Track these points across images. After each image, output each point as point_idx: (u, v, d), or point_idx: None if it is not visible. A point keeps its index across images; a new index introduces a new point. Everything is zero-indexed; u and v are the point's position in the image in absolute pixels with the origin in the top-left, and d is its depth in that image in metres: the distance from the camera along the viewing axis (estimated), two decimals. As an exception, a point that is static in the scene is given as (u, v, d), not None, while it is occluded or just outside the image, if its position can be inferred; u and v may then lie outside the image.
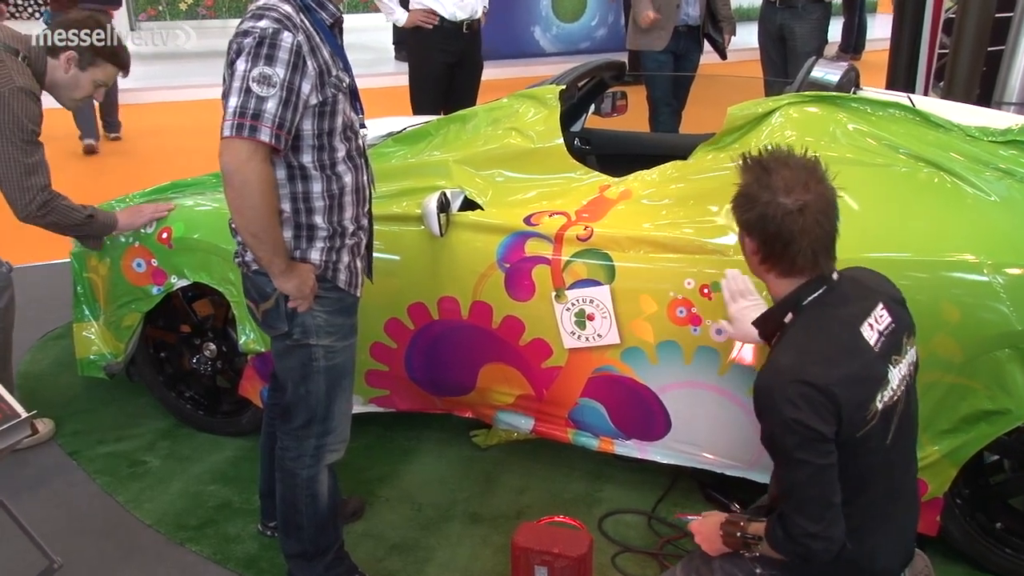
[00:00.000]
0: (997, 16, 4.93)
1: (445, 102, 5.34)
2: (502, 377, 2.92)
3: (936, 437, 2.43)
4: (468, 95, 5.41)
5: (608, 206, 2.79)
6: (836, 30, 9.78)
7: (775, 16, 6.00)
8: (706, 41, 5.86)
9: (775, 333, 1.97)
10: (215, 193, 3.24)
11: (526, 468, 3.19)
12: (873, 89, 3.21)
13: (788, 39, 5.95)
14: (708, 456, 2.79)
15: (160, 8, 12.63)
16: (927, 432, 2.41)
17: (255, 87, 2.01)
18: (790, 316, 1.92)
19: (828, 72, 3.04)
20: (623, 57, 4.95)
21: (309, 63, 2.07)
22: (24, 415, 2.32)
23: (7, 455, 2.36)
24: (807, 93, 2.79)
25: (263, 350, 3.02)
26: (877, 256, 2.31)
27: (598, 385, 2.80)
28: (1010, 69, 4.91)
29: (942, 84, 5.24)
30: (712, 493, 2.95)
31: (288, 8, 2.08)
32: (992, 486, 2.61)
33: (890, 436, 1.89)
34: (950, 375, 2.37)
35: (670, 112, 5.83)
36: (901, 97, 2.94)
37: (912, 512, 2.07)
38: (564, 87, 3.13)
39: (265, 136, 2.01)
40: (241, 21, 2.09)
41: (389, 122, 3.72)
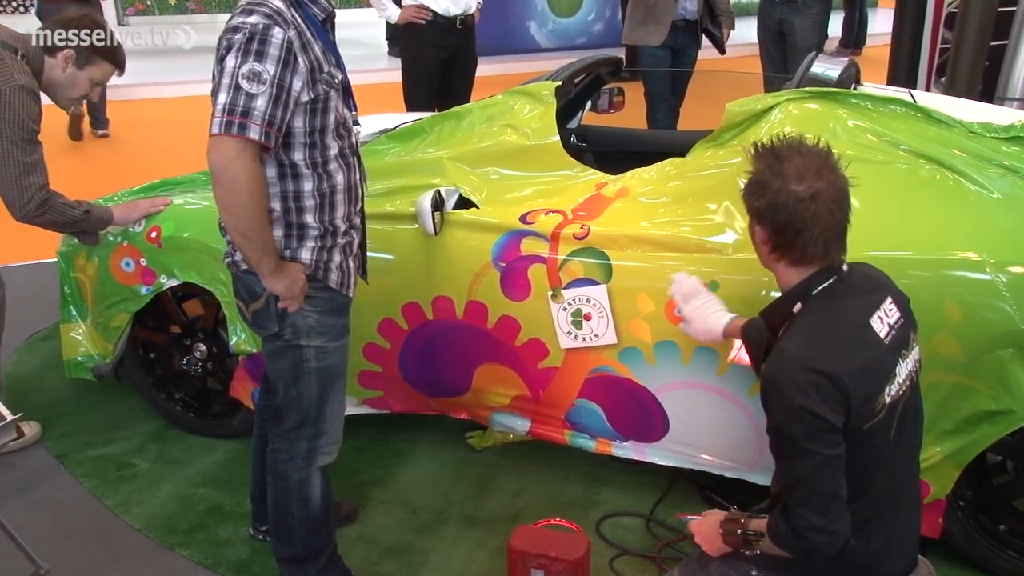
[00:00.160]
0: (1000, 10, 4.94)
1: (439, 98, 5.34)
2: (497, 378, 2.92)
3: (938, 438, 2.44)
4: (462, 92, 5.41)
5: (605, 204, 2.79)
6: (836, 25, 9.79)
7: (774, 11, 6.01)
8: (704, 36, 5.86)
9: (783, 323, 1.97)
10: (205, 191, 3.23)
11: (522, 470, 3.19)
12: (874, 85, 3.21)
13: (788, 34, 5.95)
14: (707, 458, 2.79)
15: (148, 3, 12.59)
16: (929, 433, 2.41)
17: (244, 84, 2.00)
18: (799, 306, 1.93)
19: (828, 68, 3.05)
20: (620, 52, 4.96)
21: (300, 59, 2.07)
22: (10, 418, 2.32)
23: (-7, 458, 2.36)
24: (807, 89, 2.78)
25: (254, 351, 3.01)
26: (878, 254, 2.31)
27: (595, 386, 2.80)
28: (1013, 64, 4.93)
29: (944, 80, 5.25)
30: (711, 495, 2.96)
31: (279, 3, 2.07)
32: (995, 488, 2.62)
33: (892, 432, 1.89)
34: (952, 375, 2.37)
35: (668, 108, 5.83)
36: (902, 93, 2.94)
37: (915, 514, 2.07)
38: (560, 83, 3.13)
39: (254, 134, 2.01)
40: (231, 16, 2.09)
41: (383, 119, 3.71)
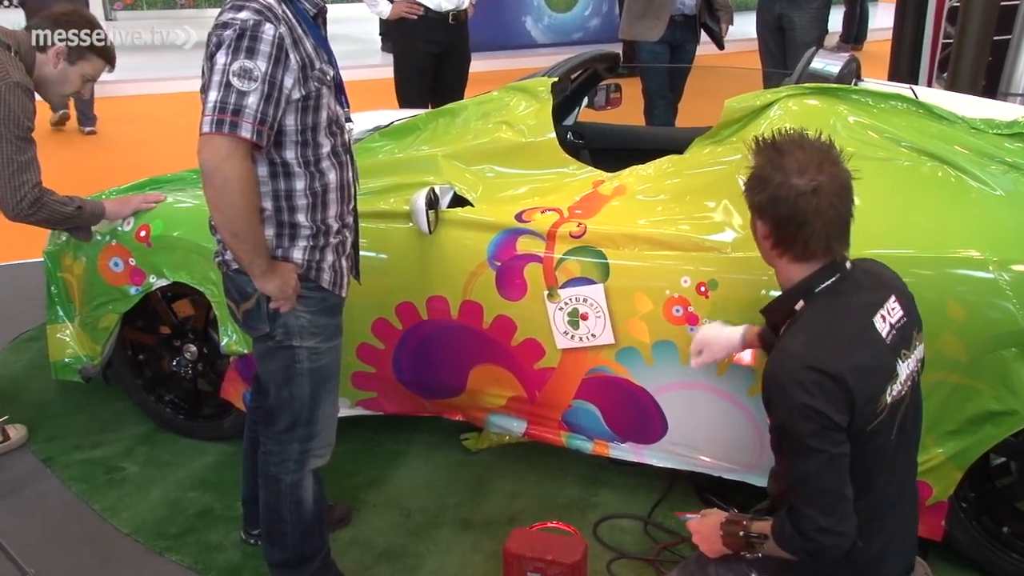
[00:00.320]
0: (1003, 4, 4.95)
1: (434, 94, 5.34)
2: (493, 379, 2.93)
3: (941, 439, 2.44)
4: (456, 88, 5.41)
5: (602, 202, 2.79)
6: (837, 20, 9.81)
7: (774, 5, 6.01)
8: (703, 31, 5.87)
9: (785, 321, 1.97)
10: (195, 189, 3.22)
11: (518, 472, 3.19)
12: (875, 81, 3.22)
13: (787, 29, 5.96)
14: (706, 459, 2.80)
15: (136, -3, 12.58)
16: (931, 434, 2.42)
17: (235, 81, 2.00)
18: (801, 303, 1.93)
19: (828, 63, 3.05)
20: (617, 48, 4.96)
21: (291, 56, 2.07)
22: (-4, 421, 2.32)
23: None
24: (807, 85, 2.79)
25: (246, 352, 3.01)
26: (879, 253, 2.31)
27: (592, 386, 2.80)
28: (1016, 59, 4.94)
29: (946, 75, 5.26)
30: (710, 497, 2.96)
31: (270, -2, 2.07)
32: (998, 489, 2.62)
33: (894, 433, 1.90)
34: (955, 375, 2.38)
35: (666, 105, 5.84)
36: (904, 89, 2.95)
37: (913, 516, 2.08)
38: (556, 79, 3.13)
39: (246, 132, 2.01)
40: (221, 12, 2.09)
41: (376, 116, 3.71)
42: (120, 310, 3.24)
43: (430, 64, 5.33)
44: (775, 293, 2.13)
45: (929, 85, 5.47)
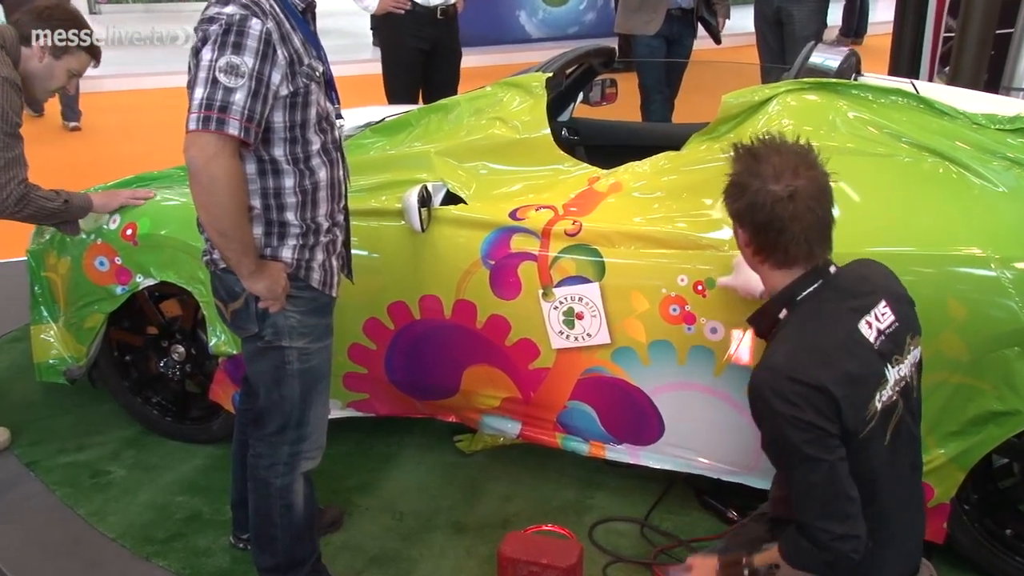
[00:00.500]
0: (1006, -4, 4.96)
1: (425, 90, 5.34)
2: (487, 379, 2.93)
3: (943, 440, 2.45)
4: (449, 85, 5.39)
5: (597, 199, 2.80)
6: (836, 13, 9.82)
7: (772, -2, 6.02)
8: (700, 25, 5.87)
9: (770, 330, 2.00)
10: (183, 187, 3.22)
11: (513, 475, 3.19)
12: (875, 75, 3.22)
13: (786, 23, 5.95)
14: (703, 461, 2.80)
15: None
16: (933, 435, 2.43)
17: (222, 77, 2.00)
18: (784, 312, 1.95)
19: (828, 57, 3.06)
20: (613, 42, 4.96)
21: (279, 51, 2.06)
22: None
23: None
24: (806, 80, 2.79)
25: (235, 352, 3.01)
26: (879, 251, 2.32)
27: (588, 387, 2.80)
28: (1020, 53, 4.95)
29: (947, 69, 5.26)
30: (708, 500, 2.96)
31: (257, -8, 2.07)
32: (1001, 491, 2.63)
33: (888, 437, 1.90)
34: (957, 375, 2.38)
35: (662, 100, 5.84)
36: (904, 83, 2.95)
37: (919, 518, 2.09)
38: (551, 74, 3.13)
39: (233, 129, 2.01)
40: (207, 7, 2.09)
41: (367, 112, 3.71)
42: (106, 310, 3.23)
43: (418, 60, 5.31)
44: (774, 292, 2.14)
45: (930, 79, 5.48)
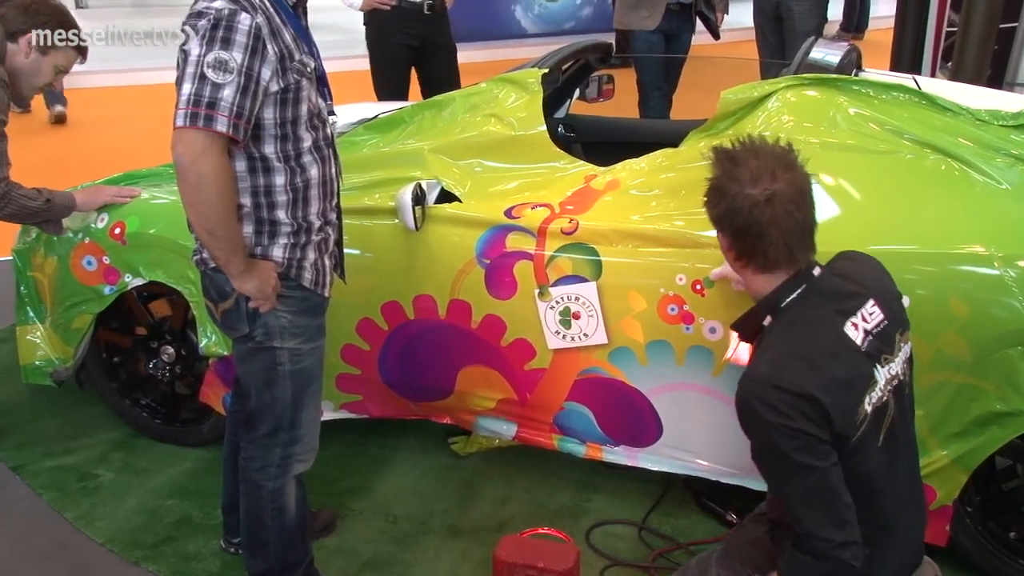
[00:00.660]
0: (1009, -10, 4.97)
1: (424, 88, 5.32)
2: (482, 380, 2.92)
3: (945, 441, 2.45)
4: (447, 81, 5.36)
5: (594, 197, 2.79)
6: (837, 8, 9.83)
7: (771, -7, 6.02)
8: (698, 20, 5.87)
9: (755, 336, 2.02)
10: (172, 185, 3.21)
11: (508, 477, 3.19)
12: (876, 71, 3.23)
13: (785, 18, 5.95)
14: (702, 463, 2.80)
15: (110, -16, 12.50)
16: (935, 436, 2.43)
17: (210, 73, 1.99)
18: (768, 319, 1.96)
19: (828, 53, 3.06)
20: (610, 38, 4.95)
21: (269, 47, 2.06)
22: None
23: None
24: (805, 76, 2.79)
25: (225, 353, 3.00)
26: (880, 249, 2.31)
27: (584, 388, 2.80)
28: (1023, 48, 4.95)
29: (950, 65, 5.28)
30: (707, 502, 2.96)
31: (246, -14, 2.07)
32: (1005, 493, 2.63)
33: (882, 439, 1.90)
34: (959, 375, 2.38)
35: (660, 97, 5.84)
36: (906, 79, 2.96)
37: (920, 518, 2.09)
38: (547, 71, 3.13)
39: (222, 126, 2.00)
40: (195, 1, 2.08)
41: (360, 108, 3.71)
42: (94, 310, 3.23)
43: (406, 56, 5.28)
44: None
45: (932, 75, 5.49)
